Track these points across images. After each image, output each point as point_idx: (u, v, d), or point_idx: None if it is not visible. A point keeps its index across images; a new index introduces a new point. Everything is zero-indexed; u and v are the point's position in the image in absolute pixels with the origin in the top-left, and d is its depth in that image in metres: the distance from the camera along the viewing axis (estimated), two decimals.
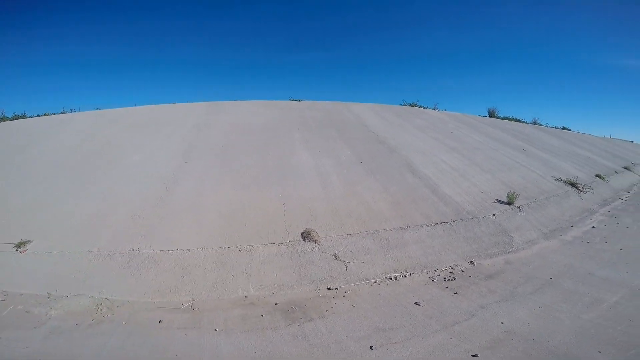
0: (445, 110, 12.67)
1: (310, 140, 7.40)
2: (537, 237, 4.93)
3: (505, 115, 13.38)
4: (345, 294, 3.53)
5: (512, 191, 5.69)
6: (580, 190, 6.71)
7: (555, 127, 13.76)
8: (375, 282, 3.78)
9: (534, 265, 4.17)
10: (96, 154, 6.53)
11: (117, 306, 3.27)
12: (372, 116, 9.97)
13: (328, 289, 3.63)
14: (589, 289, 3.54)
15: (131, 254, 3.88)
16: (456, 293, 3.52)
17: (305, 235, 4.22)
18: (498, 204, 5.47)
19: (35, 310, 3.17)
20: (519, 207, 5.50)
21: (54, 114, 10.17)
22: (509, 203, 5.53)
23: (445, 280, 3.81)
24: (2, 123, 9.34)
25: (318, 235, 4.25)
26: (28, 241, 4.06)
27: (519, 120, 13.32)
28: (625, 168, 9.80)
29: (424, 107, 12.49)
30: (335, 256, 4.03)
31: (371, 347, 2.67)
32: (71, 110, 10.42)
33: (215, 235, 4.19)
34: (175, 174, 5.62)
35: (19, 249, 3.94)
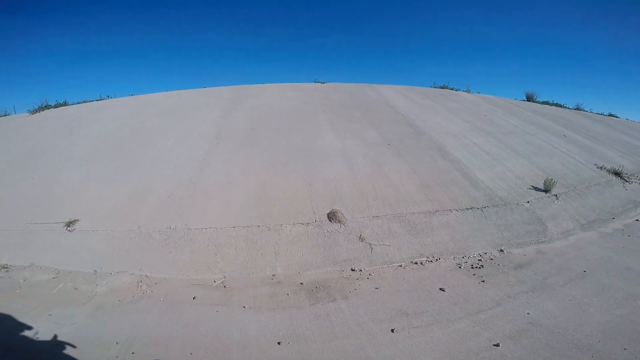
0: (479, 93, 12.09)
1: (336, 122, 7.33)
2: (573, 227, 4.67)
3: (545, 100, 12.56)
4: (369, 276, 3.54)
5: (549, 178, 5.38)
6: (626, 180, 6.24)
7: (601, 114, 12.76)
8: (401, 265, 3.76)
9: (568, 256, 3.96)
10: (133, 138, 6.84)
11: (156, 283, 3.46)
12: (399, 98, 9.69)
13: (352, 270, 3.65)
14: (624, 284, 3.34)
15: (168, 232, 4.08)
16: (483, 281, 3.43)
17: (332, 216, 4.24)
18: (533, 191, 5.22)
19: (83, 288, 3.40)
20: (556, 195, 5.21)
21: (93, 100, 10.73)
22: (546, 190, 5.25)
23: (472, 268, 3.72)
24: (46, 110, 9.98)
25: (344, 217, 4.25)
26: (76, 220, 4.35)
27: (559, 105, 12.45)
28: None
29: (456, 90, 11.97)
30: (360, 238, 4.03)
31: (392, 330, 2.68)
32: (108, 96, 10.99)
33: (246, 215, 4.31)
34: (207, 156, 5.79)
35: (68, 228, 4.23)
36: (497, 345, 2.47)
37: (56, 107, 10.26)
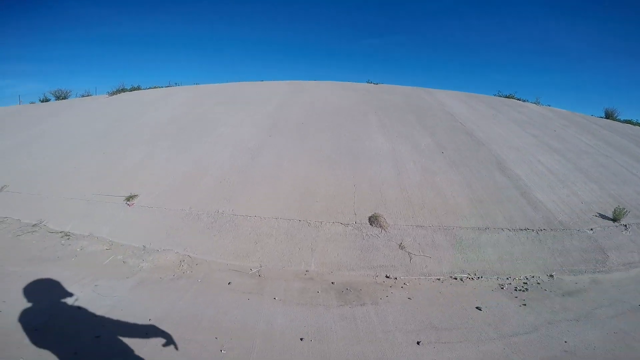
0: (549, 105, 11.10)
1: (387, 124, 7.20)
2: (639, 259, 4.15)
3: (628, 119, 11.16)
4: (403, 286, 3.45)
5: (620, 207, 4.81)
6: None
7: None
8: (439, 279, 3.61)
9: (625, 288, 3.54)
10: (193, 124, 7.34)
11: (197, 264, 3.67)
12: (458, 104, 9.23)
13: (387, 277, 3.59)
14: None
15: (216, 216, 4.32)
16: (525, 304, 3.19)
17: (373, 220, 4.19)
18: (599, 219, 4.70)
19: (130, 262, 3.68)
20: (625, 226, 4.64)
21: (162, 87, 11.76)
22: (614, 219, 4.70)
23: (516, 290, 3.46)
24: (122, 93, 11.12)
25: (386, 222, 4.19)
26: (136, 195, 4.78)
27: None
28: None
29: (523, 100, 11.10)
30: (400, 246, 3.94)
31: (418, 343, 2.60)
32: (176, 84, 12.03)
33: (289, 207, 4.42)
34: (259, 147, 6.03)
35: (128, 202, 4.67)
36: None
37: (131, 91, 11.39)
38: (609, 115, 11.16)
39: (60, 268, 3.52)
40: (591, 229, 4.45)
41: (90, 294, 3.06)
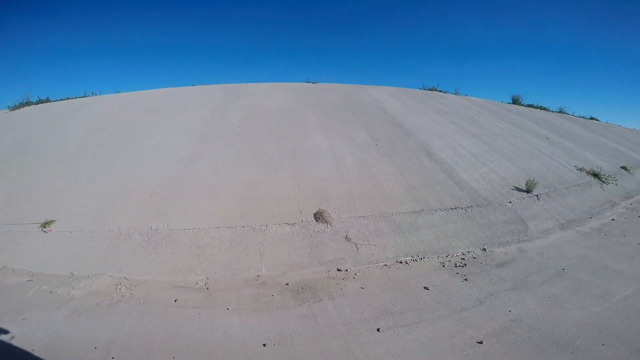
0: (467, 95, 12.28)
1: (325, 122, 7.35)
2: (553, 226, 4.80)
3: (530, 103, 12.84)
4: (355, 276, 3.56)
5: (531, 179, 5.52)
6: (603, 182, 6.43)
7: (583, 117, 13.10)
8: (386, 265, 3.80)
9: (547, 255, 4.07)
10: (116, 136, 6.71)
11: (135, 285, 3.38)
12: (389, 99, 9.77)
13: (338, 270, 3.67)
14: (601, 281, 3.45)
15: (149, 233, 4.01)
16: (466, 279, 3.50)
17: (318, 216, 4.25)
18: (516, 192, 5.34)
19: (58, 291, 3.29)
20: (537, 196, 5.34)
21: (76, 97, 10.49)
22: (528, 191, 5.37)
23: (456, 266, 3.78)
24: (28, 107, 9.71)
25: (330, 217, 4.27)
26: (52, 221, 4.24)
27: (544, 109, 12.74)
28: None
29: (445, 92, 12.13)
30: (347, 238, 4.05)
31: (378, 330, 2.70)
32: (92, 93, 10.76)
33: (230, 215, 4.28)
34: (193, 155, 5.73)
35: (43, 229, 4.12)
36: (481, 342, 2.52)
37: (38, 104, 9.99)
38: (515, 101, 12.71)
39: None
40: (510, 202, 5.03)
41: (19, 329, 2.71)
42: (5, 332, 2.64)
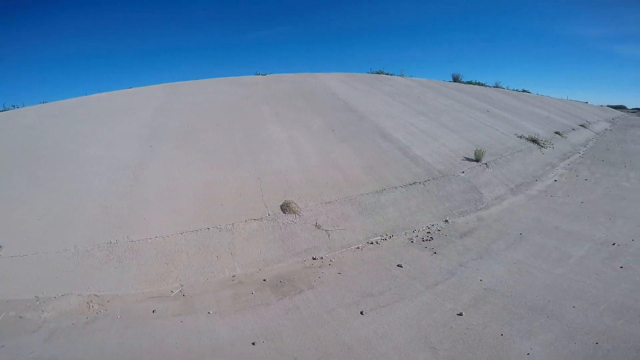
0: (411, 76, 12.77)
1: (280, 113, 7.23)
2: (505, 192, 5.19)
3: (469, 80, 13.70)
4: (330, 262, 3.59)
5: (478, 149, 5.91)
6: (542, 146, 7.10)
7: (516, 90, 14.28)
8: (358, 247, 3.86)
9: (504, 221, 4.37)
10: (53, 149, 6.04)
11: (108, 301, 3.14)
12: (340, 85, 9.85)
13: (313, 259, 3.67)
14: (556, 243, 3.76)
15: (109, 247, 3.70)
16: (435, 253, 3.66)
17: (285, 208, 4.20)
18: (467, 162, 5.69)
19: (28, 315, 2.99)
20: (486, 164, 5.74)
21: None
22: (477, 160, 5.76)
23: (423, 241, 3.95)
24: None
25: (297, 206, 4.24)
26: None
27: (481, 84, 13.70)
28: (581, 126, 10.48)
29: (391, 75, 12.51)
30: (316, 225, 4.06)
31: (362, 313, 2.74)
32: (14, 106, 9.52)
33: (193, 218, 4.07)
34: (141, 161, 5.33)
35: None
36: (461, 314, 2.64)
37: None
38: (455, 79, 13.48)
39: None
40: (463, 172, 5.35)
41: (2, 356, 2.47)
42: None
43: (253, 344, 2.49)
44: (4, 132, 7.16)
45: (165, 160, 5.34)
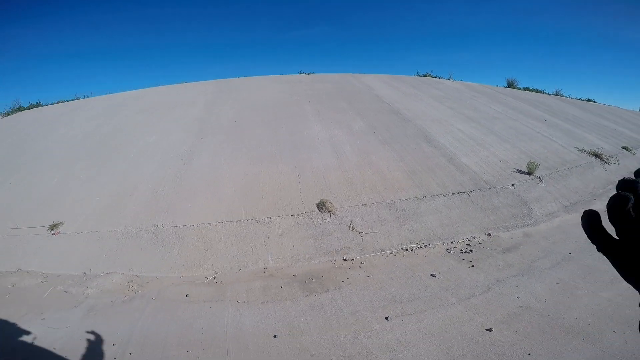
0: (461, 80, 12.22)
1: (322, 112, 7.28)
2: (557, 209, 4.78)
3: (526, 87, 12.80)
4: (361, 265, 3.55)
5: (532, 161, 5.50)
6: (605, 162, 6.43)
7: (580, 99, 13.08)
8: (391, 253, 3.78)
9: (553, 239, 4.05)
10: (113, 137, 6.63)
11: (147, 282, 3.38)
12: (383, 87, 9.69)
13: (344, 259, 3.65)
14: (608, 266, 3.33)
15: (156, 231, 3.98)
16: (473, 266, 3.48)
17: (321, 206, 4.22)
18: (517, 174, 5.32)
19: (73, 290, 3.30)
20: (539, 178, 5.33)
21: (68, 100, 10.32)
22: (529, 173, 5.36)
23: (461, 253, 3.76)
24: (20, 112, 9.56)
25: (333, 206, 4.24)
26: (60, 223, 4.20)
27: (539, 91, 12.70)
28: None
29: (439, 78, 12.06)
30: (350, 227, 4.03)
31: (386, 318, 2.68)
32: (84, 96, 10.57)
33: (234, 209, 4.24)
34: (191, 151, 5.66)
35: (52, 231, 4.08)
36: (490, 330, 2.50)
37: (30, 109, 9.84)
38: (510, 85, 12.67)
39: None
40: (512, 185, 5.01)
41: (40, 329, 2.72)
42: (28, 333, 2.67)
43: (275, 336, 2.53)
44: (73, 120, 7.98)
45: (212, 152, 5.62)
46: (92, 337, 2.61)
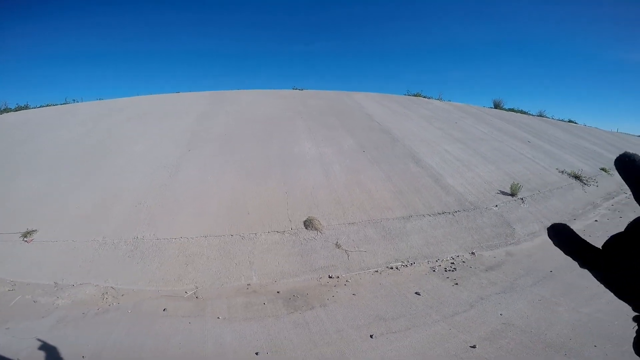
0: (450, 100, 12.55)
1: (313, 129, 7.36)
2: (539, 229, 4.90)
3: (511, 107, 13.21)
4: (346, 283, 3.55)
5: (515, 182, 5.65)
6: (585, 183, 6.64)
7: (562, 120, 13.56)
8: (377, 271, 3.79)
9: (535, 257, 4.15)
10: (100, 144, 6.56)
11: (122, 295, 3.30)
12: (375, 105, 9.88)
13: (330, 277, 3.65)
14: (589, 283, 3.51)
15: (135, 242, 3.92)
16: (457, 284, 3.52)
17: (308, 224, 4.23)
18: (501, 195, 5.45)
19: (42, 300, 3.20)
20: (522, 199, 5.46)
21: (57, 104, 10.24)
22: (512, 194, 5.49)
23: (446, 271, 3.81)
24: (6, 114, 9.41)
25: (320, 224, 4.26)
26: (34, 230, 4.10)
27: (524, 112, 13.13)
28: None
29: (429, 98, 12.37)
30: (337, 245, 4.04)
31: (371, 336, 2.69)
32: (74, 100, 10.53)
33: (219, 224, 4.22)
34: (179, 163, 5.64)
35: (25, 239, 3.98)
36: (474, 346, 2.53)
37: (17, 111, 9.71)
38: (496, 105, 13.05)
39: None
40: (496, 206, 5.13)
41: (3, 338, 2.64)
42: None
43: (257, 354, 2.50)
44: (61, 125, 7.88)
45: (201, 164, 5.60)
46: (60, 348, 2.53)
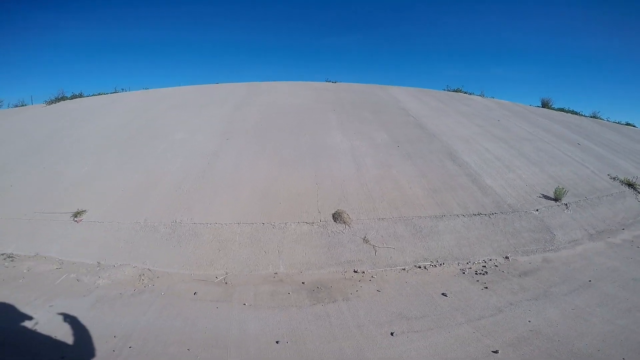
0: (493, 97, 11.91)
1: (346, 121, 7.31)
2: (582, 237, 4.57)
3: (561, 107, 12.29)
4: (371, 279, 3.53)
5: (560, 187, 5.28)
6: (639, 192, 6.08)
7: (618, 122, 12.40)
8: (404, 269, 3.73)
9: (574, 265, 3.88)
10: (144, 131, 6.95)
11: (158, 277, 3.49)
12: (411, 100, 9.61)
13: (355, 272, 3.64)
14: (629, 294, 3.26)
15: (174, 226, 4.12)
16: (486, 287, 3.38)
17: (337, 217, 4.24)
18: (543, 200, 5.13)
19: (85, 279, 3.43)
20: (566, 205, 5.10)
21: (107, 93, 10.96)
22: (556, 199, 5.15)
23: (476, 274, 3.67)
24: (62, 102, 10.22)
25: (349, 217, 4.25)
26: (84, 211, 4.43)
27: (575, 113, 12.15)
28: None
29: (470, 94, 11.81)
30: (365, 240, 4.02)
31: (392, 334, 2.66)
32: (122, 89, 11.23)
33: (251, 211, 4.33)
34: (216, 151, 5.84)
35: (75, 218, 4.31)
36: (496, 352, 2.45)
37: (72, 99, 10.51)
38: (545, 105, 12.21)
39: (7, 291, 3.22)
40: (537, 210, 4.83)
41: (46, 315, 2.84)
42: (30, 318, 2.77)
43: (277, 342, 2.56)
44: (109, 112, 8.43)
45: (236, 153, 5.77)
46: (95, 326, 2.68)
